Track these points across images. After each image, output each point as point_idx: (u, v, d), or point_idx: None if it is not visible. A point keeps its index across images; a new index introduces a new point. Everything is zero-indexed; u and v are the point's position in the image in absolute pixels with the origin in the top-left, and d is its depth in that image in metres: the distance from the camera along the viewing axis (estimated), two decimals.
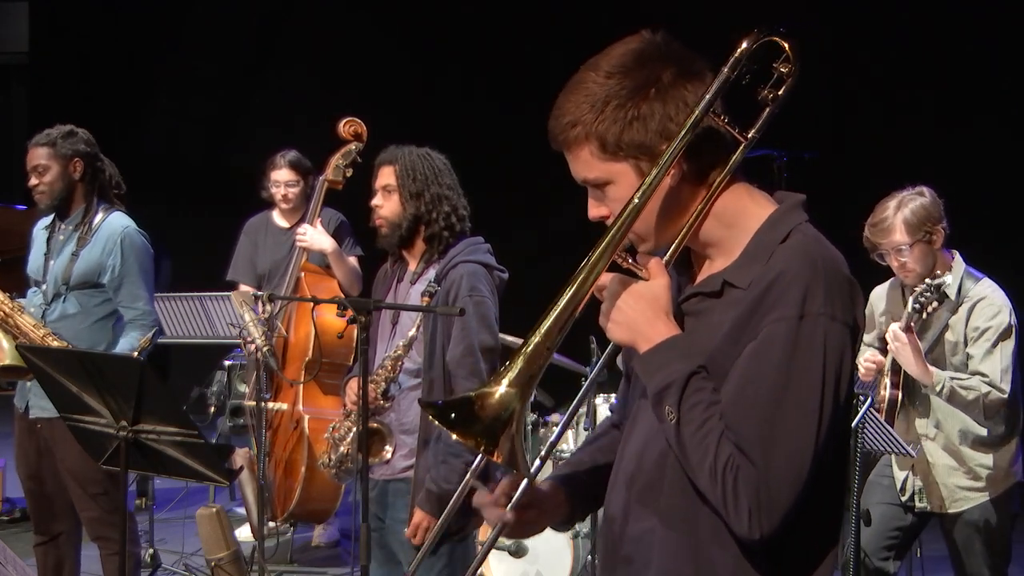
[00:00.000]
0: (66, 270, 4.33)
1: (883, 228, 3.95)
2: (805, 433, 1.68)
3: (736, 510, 1.68)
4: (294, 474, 5.61)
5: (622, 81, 1.76)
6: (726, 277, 1.79)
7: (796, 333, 1.68)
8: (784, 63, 1.80)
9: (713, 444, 1.69)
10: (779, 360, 1.69)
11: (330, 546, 6.32)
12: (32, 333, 4.18)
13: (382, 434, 3.61)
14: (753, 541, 1.70)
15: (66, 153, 4.35)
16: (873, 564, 4.13)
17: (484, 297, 3.55)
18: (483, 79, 9.02)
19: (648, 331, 1.76)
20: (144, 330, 4.35)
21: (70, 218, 4.40)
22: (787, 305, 1.69)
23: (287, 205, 5.96)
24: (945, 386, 3.87)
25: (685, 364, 1.73)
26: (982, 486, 4.02)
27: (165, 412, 3.16)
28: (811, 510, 1.74)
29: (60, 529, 4.45)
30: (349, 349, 5.46)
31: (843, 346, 1.71)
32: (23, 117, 12.24)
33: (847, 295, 1.73)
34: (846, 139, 7.49)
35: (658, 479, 1.82)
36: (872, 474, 4.31)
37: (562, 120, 1.81)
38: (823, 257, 1.75)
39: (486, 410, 1.71)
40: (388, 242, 3.72)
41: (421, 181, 3.64)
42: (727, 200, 1.82)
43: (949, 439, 4.05)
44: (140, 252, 4.40)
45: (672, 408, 1.72)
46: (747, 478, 1.67)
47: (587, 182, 1.85)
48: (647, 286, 1.78)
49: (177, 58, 10.55)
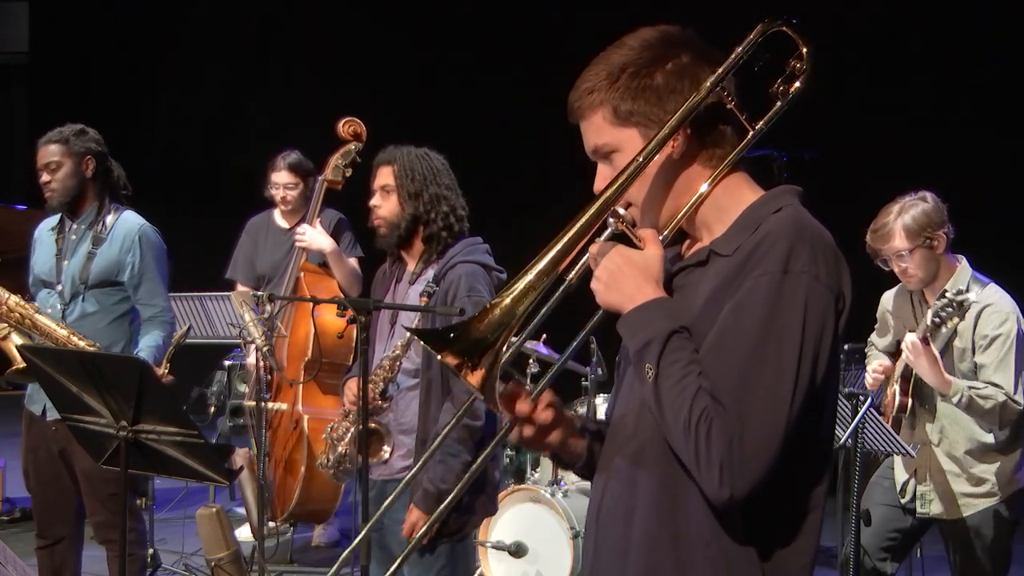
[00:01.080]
0: (84, 270, 4.33)
1: (883, 234, 3.94)
2: (781, 390, 1.67)
3: (708, 465, 1.67)
4: (294, 474, 5.61)
5: (641, 52, 1.82)
6: (712, 247, 1.82)
7: (778, 287, 1.69)
8: (796, 59, 1.83)
9: (689, 398, 1.68)
10: (759, 313, 1.69)
11: (330, 546, 6.32)
12: (55, 332, 4.17)
13: (380, 434, 3.61)
14: (723, 502, 1.68)
15: (79, 151, 4.36)
16: (870, 564, 4.14)
17: (482, 297, 3.55)
18: (483, 79, 9.01)
19: (635, 293, 1.77)
20: (166, 327, 4.38)
21: (82, 217, 4.40)
22: (771, 261, 1.70)
23: (286, 207, 5.98)
24: (963, 395, 3.85)
25: (667, 323, 1.74)
26: (984, 492, 4.01)
27: (165, 412, 3.16)
28: (793, 482, 1.74)
29: (63, 534, 4.44)
30: (349, 349, 5.46)
31: (826, 309, 1.71)
32: (23, 117, 12.25)
33: (832, 262, 1.73)
34: (846, 139, 7.48)
35: (637, 444, 1.83)
36: (874, 475, 4.31)
37: (580, 88, 1.85)
38: (811, 224, 1.76)
39: (479, 326, 1.72)
40: (387, 242, 3.72)
41: (419, 181, 3.65)
42: (727, 185, 1.84)
43: (953, 445, 4.03)
44: (157, 249, 4.44)
45: (652, 364, 1.72)
46: (720, 429, 1.66)
47: (596, 150, 1.87)
48: (640, 254, 1.80)
49: (177, 58, 10.56)
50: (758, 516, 1.73)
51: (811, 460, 1.79)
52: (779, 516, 1.77)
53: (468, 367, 1.71)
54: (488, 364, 1.71)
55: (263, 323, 4.30)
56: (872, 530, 4.13)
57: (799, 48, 1.82)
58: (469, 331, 1.72)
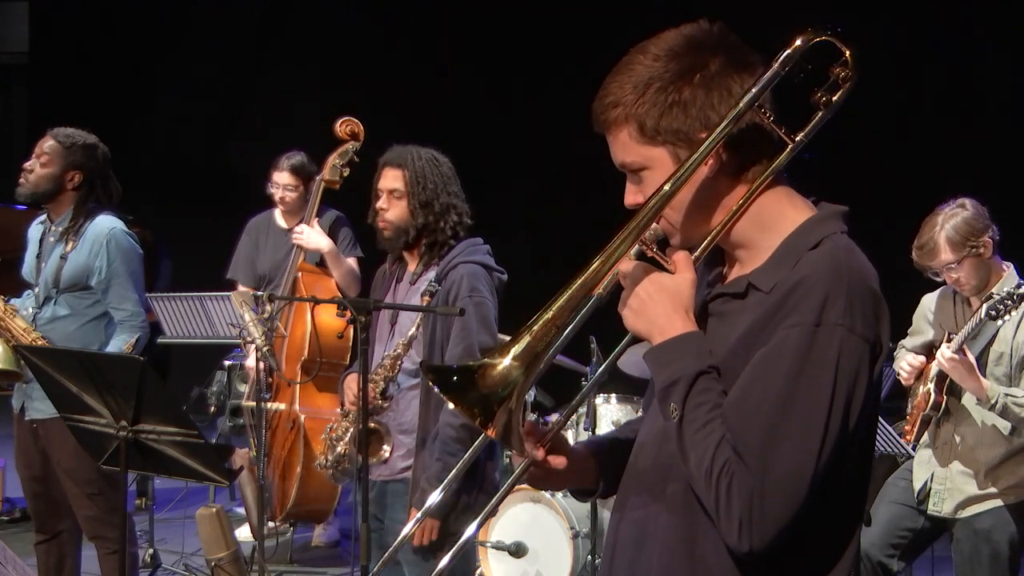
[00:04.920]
0: (55, 273, 4.32)
1: (928, 250, 3.92)
2: (807, 448, 1.61)
3: (728, 519, 1.62)
4: (291, 474, 5.61)
5: (667, 64, 1.72)
6: (751, 280, 1.74)
7: (810, 341, 1.62)
8: (841, 67, 1.72)
9: (712, 446, 1.63)
10: (788, 368, 1.62)
11: (330, 546, 6.32)
12: (23, 337, 4.18)
13: (380, 434, 3.61)
14: (743, 554, 1.64)
15: (71, 161, 4.33)
16: (877, 558, 4.12)
17: (484, 298, 3.55)
18: (483, 79, 9.01)
19: (664, 324, 1.71)
20: (136, 331, 4.33)
21: (59, 220, 4.39)
22: (804, 311, 1.63)
23: (284, 207, 5.98)
24: (999, 402, 3.84)
25: (695, 362, 1.68)
26: (997, 493, 4.00)
27: (165, 412, 3.16)
28: (821, 526, 1.69)
29: (61, 527, 4.45)
30: (348, 349, 5.46)
31: (859, 362, 1.63)
32: (23, 117, 12.24)
33: (870, 309, 1.66)
34: (846, 139, 7.47)
35: (658, 476, 1.79)
36: (892, 476, 4.31)
37: (604, 100, 1.76)
38: (850, 267, 1.67)
39: (486, 380, 1.66)
40: (391, 245, 3.71)
41: (431, 190, 3.62)
42: (765, 202, 1.75)
43: (977, 446, 4.02)
44: (127, 253, 4.37)
45: (677, 405, 1.67)
46: (741, 486, 1.61)
47: (624, 166, 1.79)
48: (671, 279, 1.73)
49: (177, 58, 10.55)
50: (783, 559, 1.67)
51: (843, 503, 1.73)
52: (806, 558, 1.71)
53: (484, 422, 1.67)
54: (504, 420, 1.66)
55: (263, 323, 4.30)
56: (882, 526, 4.13)
57: (843, 55, 1.72)
58: (478, 383, 1.66)
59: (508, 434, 1.68)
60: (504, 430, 1.67)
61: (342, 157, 5.56)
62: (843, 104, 1.74)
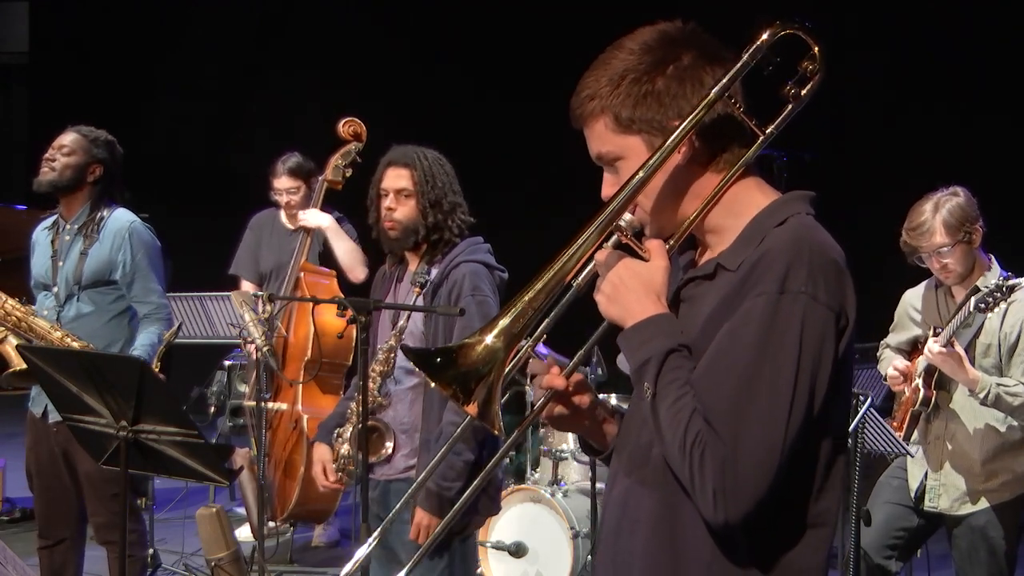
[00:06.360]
0: (76, 270, 4.32)
1: (923, 231, 3.90)
2: (775, 413, 1.64)
3: (702, 490, 1.65)
4: (293, 474, 5.61)
5: (642, 57, 1.78)
6: (720, 260, 1.79)
7: (774, 309, 1.66)
8: (810, 61, 1.78)
9: (684, 420, 1.66)
10: (754, 335, 1.66)
11: (330, 546, 6.33)
12: (49, 335, 4.18)
13: (381, 432, 3.61)
14: (719, 525, 1.66)
15: (95, 155, 4.36)
16: (874, 561, 4.12)
17: (486, 296, 3.55)
18: (483, 79, 9.02)
19: (636, 309, 1.75)
20: (162, 323, 4.36)
21: (74, 218, 4.40)
22: (768, 281, 1.67)
23: (291, 211, 5.99)
24: (991, 392, 3.84)
25: (666, 341, 1.72)
26: (992, 488, 4.00)
27: (165, 412, 3.16)
28: (797, 501, 1.72)
29: (64, 535, 4.44)
30: (349, 349, 5.47)
31: (824, 329, 1.67)
32: (23, 117, 12.26)
33: (834, 280, 1.69)
34: (846, 139, 7.49)
35: (639, 459, 1.82)
36: (883, 475, 4.30)
37: (581, 95, 1.82)
38: (812, 239, 1.72)
39: (466, 359, 1.71)
40: (399, 245, 3.69)
41: (440, 189, 3.63)
42: (737, 190, 1.80)
43: (969, 440, 4.02)
44: (149, 246, 4.41)
45: (650, 384, 1.71)
46: (714, 455, 1.63)
47: (600, 158, 1.84)
48: (644, 266, 1.78)
49: (177, 58, 10.56)
50: (761, 535, 1.70)
51: (817, 478, 1.75)
52: (784, 535, 1.73)
53: (462, 398, 1.71)
54: (483, 396, 1.71)
55: (263, 323, 4.30)
56: (877, 528, 4.12)
57: (811, 49, 1.78)
58: (458, 361, 1.71)
59: (487, 411, 1.72)
60: (483, 407, 1.72)
61: (344, 157, 5.57)
62: (812, 97, 1.79)
